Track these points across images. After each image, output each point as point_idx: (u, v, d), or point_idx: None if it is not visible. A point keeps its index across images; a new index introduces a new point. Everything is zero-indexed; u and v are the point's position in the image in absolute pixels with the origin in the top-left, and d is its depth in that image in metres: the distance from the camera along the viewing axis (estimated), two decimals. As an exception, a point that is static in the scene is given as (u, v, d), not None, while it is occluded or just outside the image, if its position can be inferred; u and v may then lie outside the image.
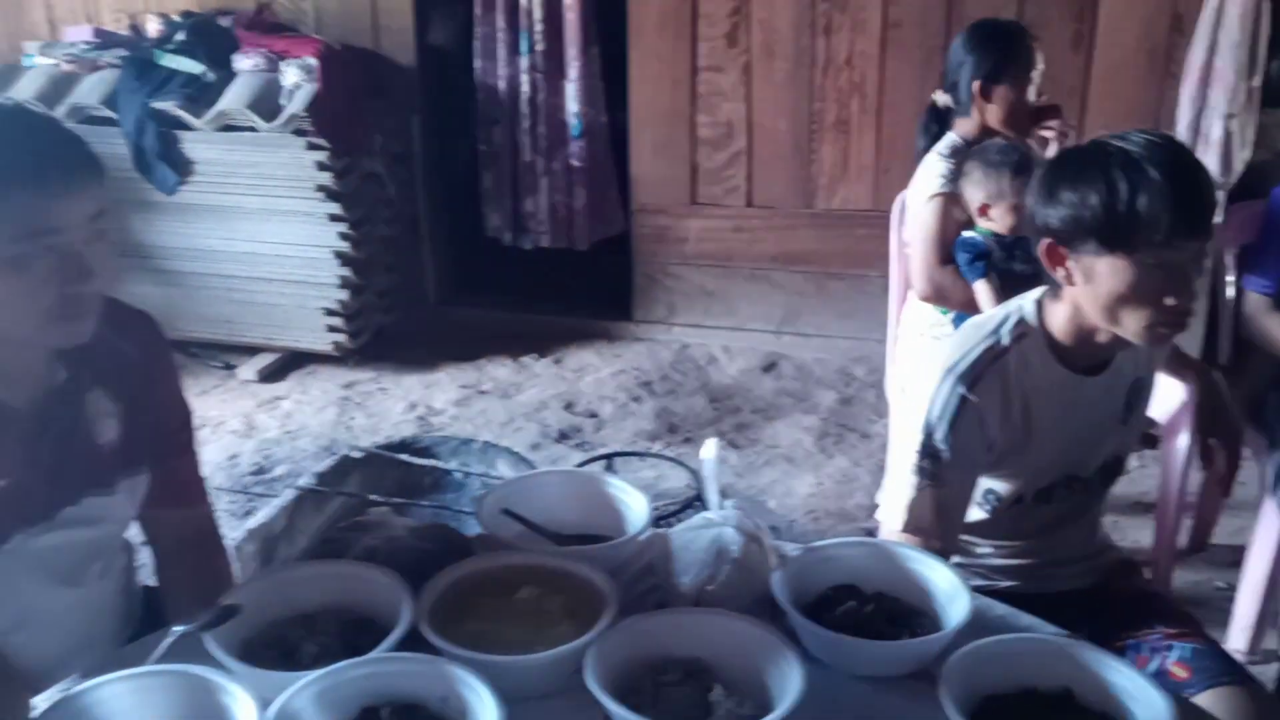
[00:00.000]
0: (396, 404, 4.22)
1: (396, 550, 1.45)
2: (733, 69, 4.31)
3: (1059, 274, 1.62)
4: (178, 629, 1.32)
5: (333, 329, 4.41)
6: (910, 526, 1.70)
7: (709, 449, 1.49)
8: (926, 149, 2.91)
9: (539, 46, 4.41)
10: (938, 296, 2.84)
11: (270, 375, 4.42)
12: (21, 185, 1.37)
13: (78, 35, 4.62)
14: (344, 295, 4.38)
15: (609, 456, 3.63)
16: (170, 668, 1.24)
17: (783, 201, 4.42)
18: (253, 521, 2.95)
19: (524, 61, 4.45)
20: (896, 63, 4.15)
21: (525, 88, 4.47)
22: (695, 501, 3.19)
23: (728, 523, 1.48)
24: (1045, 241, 1.62)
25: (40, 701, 1.27)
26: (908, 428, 1.71)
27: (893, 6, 4.10)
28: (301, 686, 1.21)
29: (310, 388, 4.37)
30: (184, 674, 1.22)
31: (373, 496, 3.08)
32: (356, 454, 3.33)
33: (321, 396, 4.29)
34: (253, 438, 3.96)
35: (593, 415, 4.11)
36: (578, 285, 4.88)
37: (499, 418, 4.08)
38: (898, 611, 1.44)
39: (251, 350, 4.51)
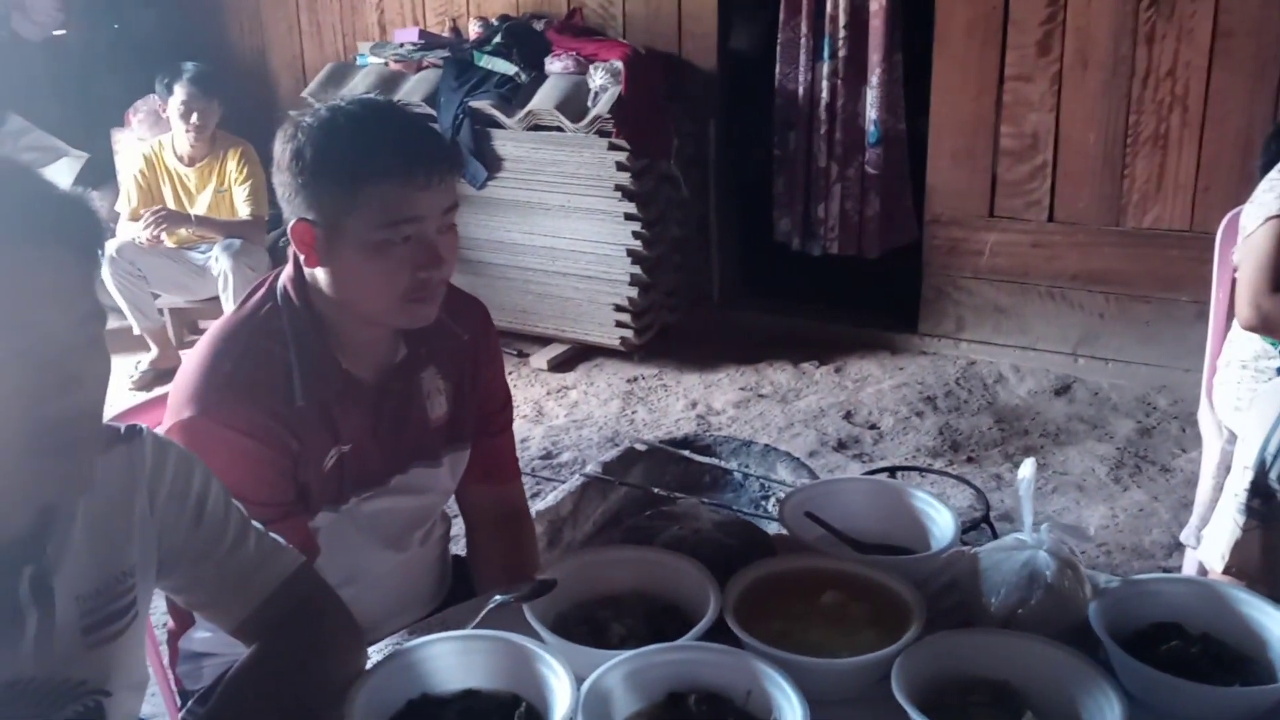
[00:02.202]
0: (677, 401, 4.30)
1: (702, 542, 1.48)
2: (1042, 78, 4.15)
3: None
4: (498, 598, 1.39)
5: (621, 324, 4.55)
6: (1234, 568, 1.60)
7: (1026, 468, 1.44)
8: (1267, 167, 2.71)
9: (841, 52, 4.39)
10: (1264, 326, 2.63)
11: (560, 365, 4.61)
12: (392, 177, 1.48)
13: (405, 36, 4.94)
14: (634, 292, 4.50)
15: (891, 470, 3.57)
16: (493, 633, 1.30)
17: (1087, 218, 4.22)
18: (541, 504, 3.07)
19: (825, 67, 4.43)
20: (1225, 74, 3.88)
21: (824, 93, 4.46)
22: (982, 523, 3.09)
23: (1041, 546, 1.43)
24: None
25: (373, 652, 1.37)
26: (1230, 464, 1.60)
27: (1225, 15, 3.84)
28: (612, 665, 1.24)
29: (596, 380, 4.51)
30: (505, 640, 1.28)
31: (655, 489, 3.15)
32: (641, 446, 3.40)
33: (607, 389, 4.42)
34: (541, 424, 4.13)
35: (872, 427, 4.05)
36: (863, 294, 4.82)
37: (777, 422, 4.09)
38: (1226, 656, 1.35)
39: (544, 340, 4.70)
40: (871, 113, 4.43)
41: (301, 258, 1.58)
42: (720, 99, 4.69)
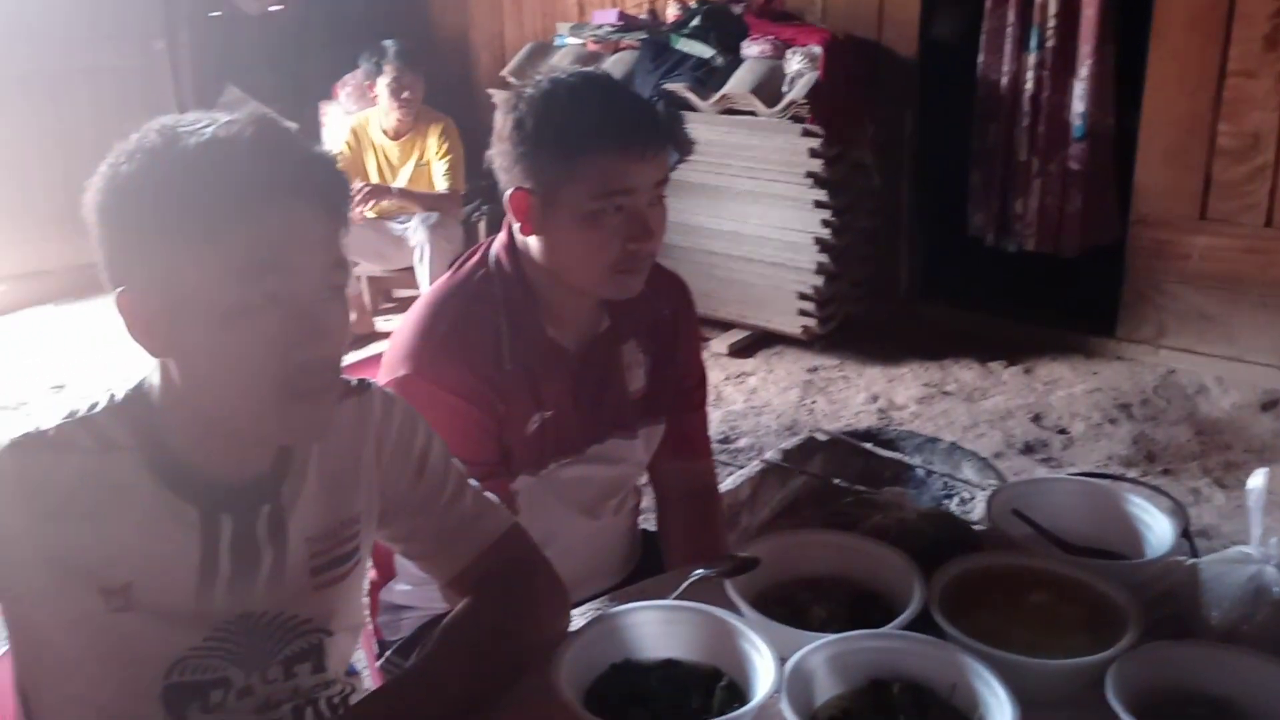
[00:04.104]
0: (858, 394, 4.24)
1: (906, 532, 1.45)
2: (1267, 74, 3.91)
3: None
4: (700, 571, 1.40)
5: (804, 313, 4.50)
6: None
7: (1257, 478, 1.37)
8: None
9: (1049, 43, 4.24)
10: None
11: (740, 351, 4.59)
12: (608, 148, 1.50)
13: (603, 18, 5.00)
14: (819, 281, 4.45)
15: (1083, 476, 3.44)
16: (696, 605, 1.30)
17: (1309, 224, 3.98)
18: (719, 487, 3.07)
19: (1031, 58, 4.29)
20: None
21: (1029, 85, 4.32)
22: (1180, 537, 2.95)
23: (1269, 561, 1.36)
24: None
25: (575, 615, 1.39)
26: None
27: None
28: (815, 647, 1.23)
29: (776, 367, 4.49)
30: (708, 613, 1.29)
31: (836, 481, 3.11)
32: (821, 437, 3.37)
33: (786, 377, 4.39)
34: (720, 408, 4.13)
35: (1062, 431, 3.91)
36: (1057, 294, 4.65)
37: (962, 420, 3.99)
38: None
39: (725, 325, 4.70)
40: (1078, 106, 4.26)
41: (516, 226, 1.61)
42: (919, 88, 4.58)
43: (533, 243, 1.60)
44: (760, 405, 4.17)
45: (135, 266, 1.10)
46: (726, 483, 3.13)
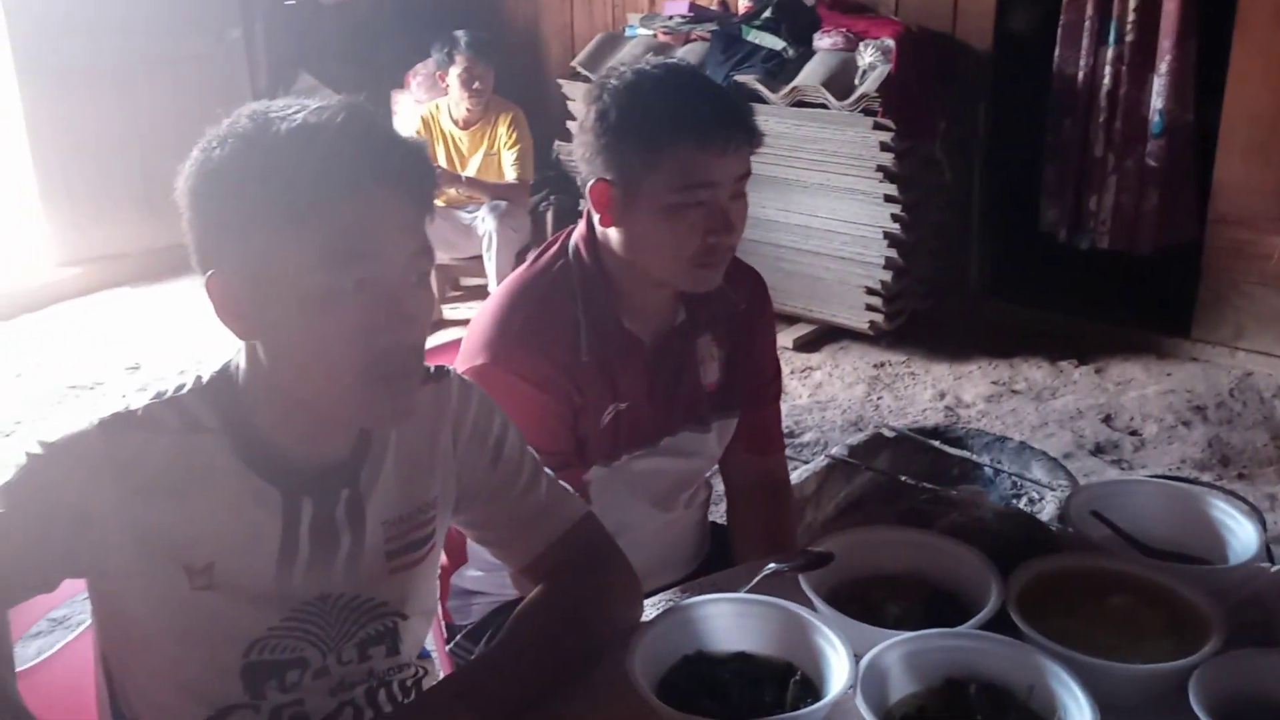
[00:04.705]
0: (924, 390, 4.20)
1: (983, 531, 1.44)
2: (1356, 70, 3.82)
3: None
4: (773, 565, 1.39)
5: (871, 308, 4.47)
6: None
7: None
8: None
9: (1129, 36, 4.16)
10: None
11: (805, 345, 4.57)
12: (691, 141, 1.50)
13: (674, 9, 4.98)
14: (887, 276, 4.41)
15: (1156, 480, 3.38)
16: (769, 599, 1.30)
17: (1397, 226, 3.88)
18: (786, 481, 3.06)
19: (1109, 52, 4.21)
20: None
21: (1106, 79, 4.24)
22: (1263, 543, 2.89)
23: (1361, 570, 1.33)
24: None
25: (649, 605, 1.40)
26: None
27: None
28: (890, 645, 1.22)
29: (842, 362, 4.46)
30: (782, 608, 1.28)
31: (903, 478, 3.09)
32: (889, 433, 3.35)
33: (852, 372, 4.36)
34: (785, 402, 4.05)
35: (1134, 433, 3.85)
36: (1130, 293, 4.57)
37: (1030, 419, 3.94)
38: None
39: (791, 319, 4.67)
40: (1157, 102, 4.18)
41: (596, 217, 1.61)
42: (993, 82, 4.52)
43: (612, 234, 1.61)
44: (825, 400, 4.14)
45: (225, 250, 1.12)
46: (792, 477, 3.12)
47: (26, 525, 1.13)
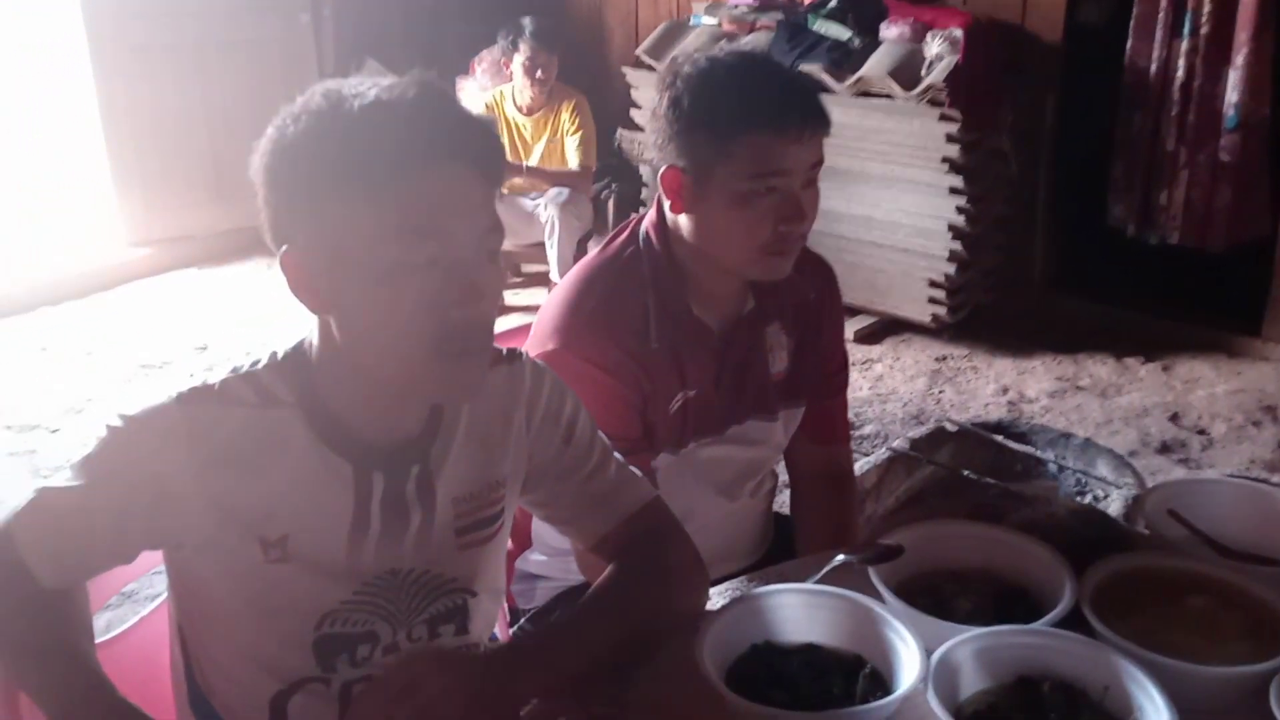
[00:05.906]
0: (987, 385, 4.16)
1: (1056, 527, 1.42)
2: None
3: None
4: (841, 557, 1.39)
5: (934, 301, 4.43)
6: None
7: None
8: None
9: (1204, 29, 4.07)
10: None
11: (867, 337, 4.54)
12: (764, 129, 1.49)
13: (740, -2, 4.96)
14: (950, 269, 4.37)
15: (1234, 479, 3.32)
16: (839, 590, 1.29)
17: None
18: (846, 473, 3.04)
19: (1183, 44, 4.13)
20: None
21: (1179, 72, 4.16)
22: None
23: None
24: None
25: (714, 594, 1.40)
26: None
27: None
28: (963, 640, 1.21)
29: (903, 355, 4.42)
30: (851, 600, 1.28)
31: (965, 472, 3.06)
32: (951, 427, 3.31)
33: (913, 365, 4.33)
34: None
35: (1201, 432, 3.78)
36: (1200, 290, 4.48)
37: (1095, 416, 3.88)
38: None
39: (852, 311, 4.62)
40: (1232, 96, 4.09)
41: (668, 204, 1.61)
42: (1062, 74, 4.45)
43: (683, 221, 1.61)
44: (886, 393, 4.11)
45: (299, 226, 1.13)
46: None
47: (108, 497, 1.16)
